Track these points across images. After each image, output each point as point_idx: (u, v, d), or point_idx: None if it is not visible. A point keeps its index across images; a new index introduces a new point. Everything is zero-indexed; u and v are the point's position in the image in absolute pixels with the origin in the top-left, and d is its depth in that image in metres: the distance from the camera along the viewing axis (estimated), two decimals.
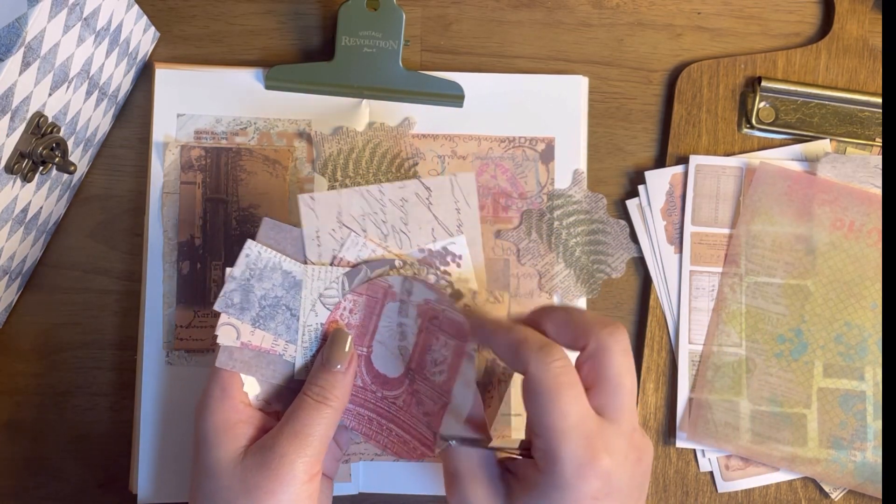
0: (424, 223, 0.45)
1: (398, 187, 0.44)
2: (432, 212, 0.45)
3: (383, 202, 0.44)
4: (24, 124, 0.43)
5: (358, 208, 0.44)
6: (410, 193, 0.45)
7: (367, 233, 0.44)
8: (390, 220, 0.44)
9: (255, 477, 0.39)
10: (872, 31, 0.57)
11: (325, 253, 0.44)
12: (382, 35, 0.53)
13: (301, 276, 0.43)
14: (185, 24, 0.56)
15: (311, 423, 0.40)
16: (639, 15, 0.57)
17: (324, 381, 0.42)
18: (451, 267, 0.45)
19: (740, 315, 0.54)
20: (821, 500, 0.53)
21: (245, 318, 0.43)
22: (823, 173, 0.54)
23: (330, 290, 0.44)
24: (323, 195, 0.44)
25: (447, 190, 0.45)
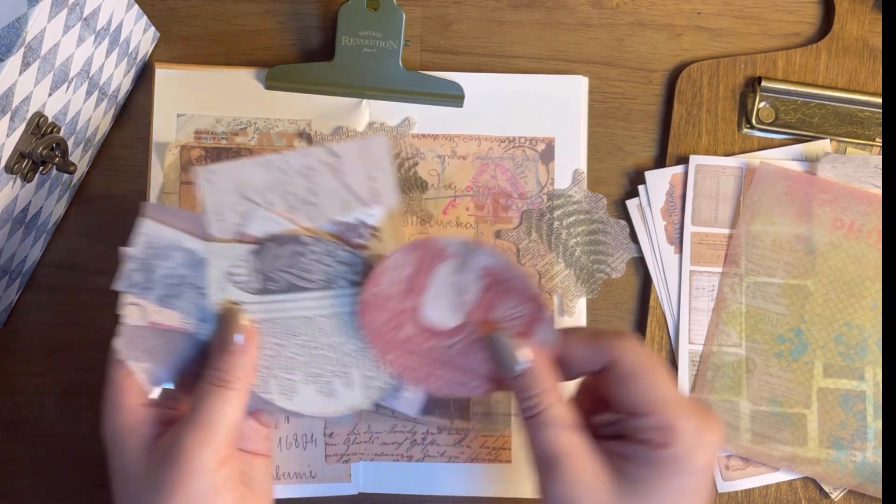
0: (335, 193, 0.41)
1: (302, 155, 0.41)
2: (343, 181, 0.41)
3: (288, 172, 0.41)
4: (24, 124, 0.43)
5: (261, 180, 0.41)
6: (316, 161, 0.41)
7: (273, 206, 0.41)
8: (297, 191, 0.41)
9: (161, 474, 0.38)
10: (872, 31, 0.57)
11: (229, 229, 0.41)
12: (382, 35, 0.53)
13: (204, 254, 0.41)
14: (185, 24, 0.56)
15: (213, 410, 0.39)
16: (639, 15, 0.57)
17: (221, 364, 0.40)
18: (369, 240, 0.42)
19: (740, 315, 0.54)
20: (821, 500, 0.53)
21: (150, 297, 0.41)
22: (823, 173, 0.54)
23: (238, 267, 0.41)
24: (222, 166, 0.41)
25: (357, 156, 0.41)
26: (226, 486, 0.38)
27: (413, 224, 0.54)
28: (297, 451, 0.52)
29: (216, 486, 0.38)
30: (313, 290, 0.42)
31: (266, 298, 0.42)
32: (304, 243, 0.41)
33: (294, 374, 0.42)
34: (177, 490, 0.37)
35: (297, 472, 0.52)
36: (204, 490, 0.37)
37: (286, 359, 0.42)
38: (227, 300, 0.41)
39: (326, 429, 0.52)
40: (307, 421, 0.52)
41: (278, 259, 0.42)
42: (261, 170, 0.41)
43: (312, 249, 0.42)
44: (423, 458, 0.52)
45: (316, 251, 0.42)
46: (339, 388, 0.42)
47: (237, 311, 0.41)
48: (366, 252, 0.42)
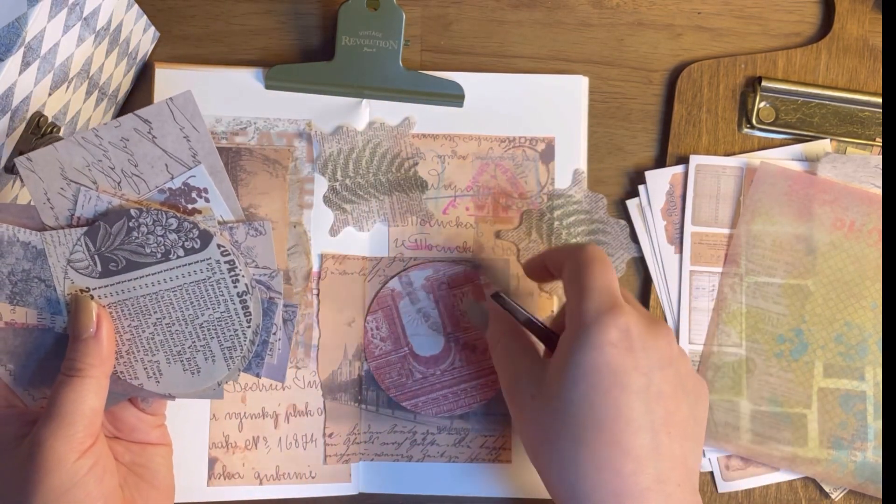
0: (155, 160, 0.41)
1: (114, 126, 0.40)
2: (159, 146, 0.40)
3: (104, 147, 0.40)
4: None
5: (80, 159, 0.40)
6: (129, 131, 0.40)
7: (98, 184, 0.41)
8: (118, 164, 0.40)
9: (25, 472, 0.37)
10: (872, 31, 0.57)
11: (61, 215, 0.41)
12: (382, 35, 0.53)
13: (41, 244, 0.40)
14: (185, 24, 0.56)
15: (66, 400, 0.38)
16: (639, 15, 0.57)
17: (74, 353, 0.39)
18: (200, 203, 0.41)
19: (740, 315, 0.54)
20: (821, 500, 0.53)
21: (0, 297, 0.41)
22: (824, 173, 0.54)
23: (76, 253, 0.41)
24: (39, 153, 0.40)
25: (167, 117, 0.40)
26: (91, 477, 0.38)
27: (413, 224, 0.54)
28: (296, 451, 0.52)
29: (78, 478, 0.37)
30: (152, 265, 0.41)
31: (110, 280, 0.41)
32: (132, 217, 0.41)
33: (157, 355, 0.42)
34: (39, 485, 0.37)
35: (296, 472, 0.52)
36: (65, 483, 0.37)
37: (146, 340, 0.42)
38: (74, 288, 0.41)
39: (326, 429, 0.52)
40: (307, 421, 0.52)
41: (111, 238, 0.41)
42: (77, 148, 0.40)
43: (141, 222, 0.41)
44: (423, 458, 0.52)
45: (145, 223, 0.41)
46: (203, 363, 0.42)
47: (83, 298, 0.41)
48: (198, 216, 0.41)
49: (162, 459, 0.44)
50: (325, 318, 0.53)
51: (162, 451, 0.45)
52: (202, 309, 0.42)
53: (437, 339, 0.53)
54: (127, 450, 0.44)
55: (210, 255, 0.41)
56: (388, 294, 0.53)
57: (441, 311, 0.53)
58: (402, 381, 0.53)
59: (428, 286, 0.53)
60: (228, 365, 0.42)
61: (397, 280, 0.53)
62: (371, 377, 0.53)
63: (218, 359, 0.42)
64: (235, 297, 0.42)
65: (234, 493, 0.52)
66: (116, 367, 0.42)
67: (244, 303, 0.42)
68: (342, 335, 0.53)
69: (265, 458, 0.52)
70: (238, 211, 0.42)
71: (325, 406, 0.53)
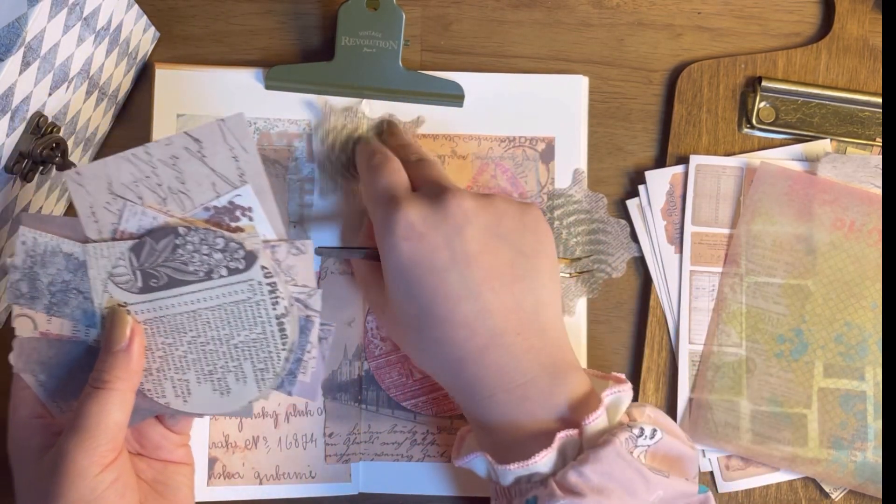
0: (203, 178, 0.41)
1: (165, 144, 0.41)
2: (208, 164, 0.41)
3: (153, 164, 0.41)
4: (24, 124, 0.43)
5: (128, 175, 0.41)
6: (179, 149, 0.41)
7: (144, 199, 0.41)
8: (165, 181, 0.41)
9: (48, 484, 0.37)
10: (872, 31, 0.57)
11: (105, 229, 0.41)
12: (382, 35, 0.53)
13: (83, 256, 0.41)
14: (185, 24, 0.56)
15: (91, 412, 0.38)
16: (639, 15, 0.57)
17: (103, 364, 0.39)
18: (244, 221, 0.42)
19: (740, 315, 0.54)
20: (821, 500, 0.53)
21: (38, 306, 0.41)
22: (824, 173, 0.54)
23: (118, 267, 0.41)
24: (88, 167, 0.41)
25: (218, 137, 0.41)
26: (112, 492, 0.38)
27: None
28: (296, 451, 0.52)
29: (99, 492, 0.37)
30: (194, 283, 0.41)
31: (149, 296, 0.41)
32: (179, 234, 0.41)
33: (187, 374, 0.42)
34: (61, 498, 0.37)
35: (296, 472, 0.52)
36: (86, 496, 0.37)
37: (178, 358, 0.42)
38: (113, 302, 0.41)
39: (326, 429, 0.52)
40: (307, 421, 0.52)
41: (156, 254, 0.41)
42: (126, 164, 0.40)
43: (188, 240, 0.41)
44: (423, 458, 0.52)
45: (191, 241, 0.41)
46: (233, 384, 0.42)
47: (120, 311, 0.41)
48: (242, 235, 0.41)
49: (184, 478, 0.44)
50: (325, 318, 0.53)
51: (184, 470, 0.44)
52: (238, 329, 0.42)
53: None
54: (149, 467, 0.44)
55: (253, 276, 0.41)
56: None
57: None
58: (402, 381, 0.52)
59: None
60: (259, 387, 0.42)
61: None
62: (371, 377, 0.53)
63: (249, 380, 0.42)
64: (273, 319, 0.42)
65: (234, 492, 0.52)
66: (144, 384, 0.41)
67: (281, 325, 0.42)
68: (342, 335, 0.53)
69: (265, 457, 0.52)
70: (281, 230, 0.42)
71: (325, 406, 0.53)
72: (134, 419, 0.41)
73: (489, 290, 0.42)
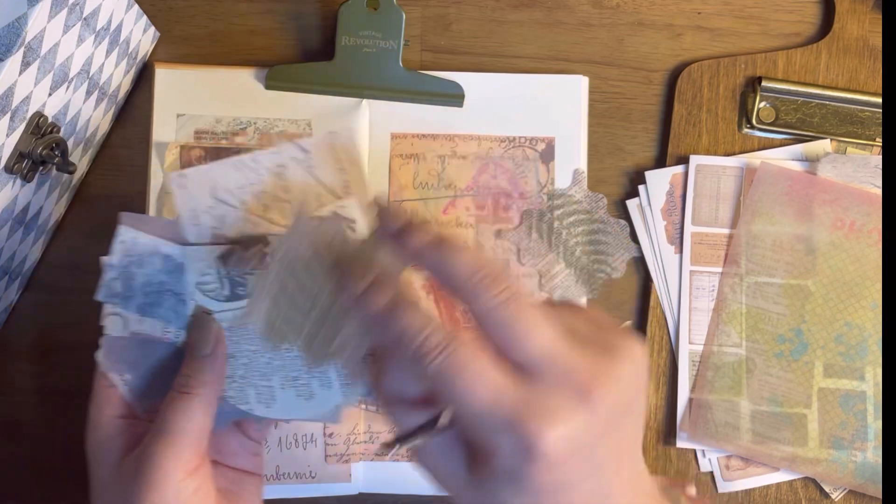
0: (308, 189, 0.41)
1: (273, 153, 0.40)
2: (314, 176, 0.41)
3: (259, 171, 0.40)
4: (24, 124, 0.43)
5: (234, 181, 0.40)
6: (287, 159, 0.40)
7: (247, 205, 0.40)
8: (270, 189, 0.40)
9: (131, 486, 0.37)
10: (872, 31, 0.57)
11: (204, 232, 0.40)
12: (382, 35, 0.53)
13: (182, 259, 0.40)
14: (185, 24, 0.56)
15: (176, 417, 0.38)
16: (639, 15, 0.57)
17: (189, 370, 0.39)
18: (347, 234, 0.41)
19: (740, 315, 0.54)
20: (821, 500, 0.53)
21: (130, 306, 0.41)
22: (824, 173, 0.54)
23: (206, 276, 0.40)
24: (194, 170, 0.40)
25: (327, 150, 0.41)
26: (196, 498, 0.37)
27: None
28: (297, 451, 0.52)
29: (182, 499, 0.37)
30: None
31: (237, 304, 0.41)
32: (269, 243, 0.40)
33: (271, 380, 0.41)
34: (142, 501, 0.36)
35: (297, 472, 0.52)
36: (169, 501, 0.37)
37: (262, 365, 0.41)
38: (200, 309, 0.40)
39: (326, 429, 0.52)
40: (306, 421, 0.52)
41: (244, 262, 0.40)
42: (232, 170, 0.40)
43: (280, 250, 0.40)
44: None
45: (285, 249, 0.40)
46: (318, 389, 0.42)
47: (206, 317, 0.40)
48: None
49: (254, 489, 0.43)
50: None
51: (255, 480, 0.43)
52: None
53: None
54: (223, 475, 0.43)
55: None
56: None
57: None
58: None
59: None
60: (345, 392, 0.42)
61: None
62: None
63: (334, 385, 0.41)
64: None
65: None
66: (228, 390, 0.41)
67: None
68: None
69: (265, 458, 0.52)
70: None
71: None
72: (216, 425, 0.40)
73: (619, 480, 0.32)
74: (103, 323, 0.41)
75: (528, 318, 0.30)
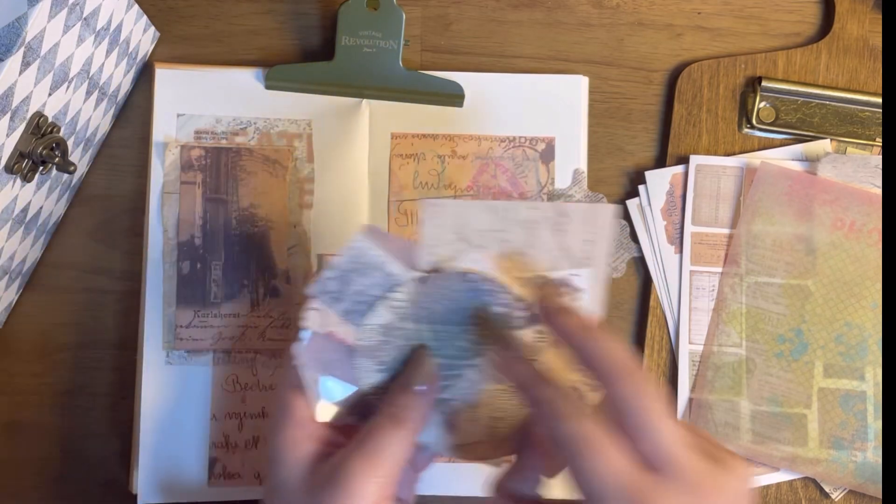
0: (550, 250, 0.41)
1: (531, 208, 0.40)
2: (561, 239, 0.41)
3: (509, 220, 0.41)
4: (24, 124, 0.43)
5: (483, 223, 0.40)
6: (543, 217, 0.41)
7: (487, 249, 0.40)
8: (514, 239, 0.40)
9: (322, 494, 0.37)
10: (872, 31, 0.57)
11: (437, 263, 0.40)
12: (382, 35, 0.53)
13: (403, 280, 0.40)
14: (185, 24, 0.56)
15: (385, 444, 0.38)
16: (639, 15, 0.57)
17: (402, 401, 0.39)
18: (566, 300, 0.40)
19: (740, 315, 0.54)
20: (821, 500, 0.53)
21: (336, 308, 0.40)
22: (824, 173, 0.54)
23: (399, 300, 0.40)
24: (448, 203, 0.41)
25: (583, 219, 0.41)
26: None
27: (413, 224, 0.54)
28: None
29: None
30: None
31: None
32: (470, 281, 0.40)
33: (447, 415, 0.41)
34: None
35: None
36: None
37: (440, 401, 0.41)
38: (420, 344, 0.40)
39: None
40: None
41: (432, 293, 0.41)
42: (484, 213, 0.40)
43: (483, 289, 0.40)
44: None
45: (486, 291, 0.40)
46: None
47: (424, 354, 0.40)
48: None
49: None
50: None
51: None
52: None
53: None
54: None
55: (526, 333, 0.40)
56: None
57: None
58: None
59: None
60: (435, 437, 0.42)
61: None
62: None
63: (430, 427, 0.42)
64: None
65: (234, 493, 0.52)
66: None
67: None
68: None
69: (265, 458, 0.52)
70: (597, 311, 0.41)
71: None
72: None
73: None
74: (302, 315, 0.40)
75: (661, 416, 0.33)
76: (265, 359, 0.53)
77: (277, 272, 0.53)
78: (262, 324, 0.53)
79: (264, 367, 0.52)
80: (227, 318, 0.53)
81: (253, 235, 0.54)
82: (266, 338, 0.53)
